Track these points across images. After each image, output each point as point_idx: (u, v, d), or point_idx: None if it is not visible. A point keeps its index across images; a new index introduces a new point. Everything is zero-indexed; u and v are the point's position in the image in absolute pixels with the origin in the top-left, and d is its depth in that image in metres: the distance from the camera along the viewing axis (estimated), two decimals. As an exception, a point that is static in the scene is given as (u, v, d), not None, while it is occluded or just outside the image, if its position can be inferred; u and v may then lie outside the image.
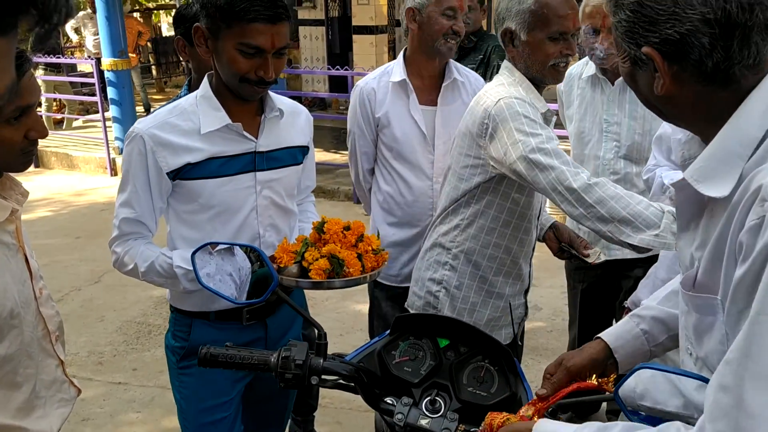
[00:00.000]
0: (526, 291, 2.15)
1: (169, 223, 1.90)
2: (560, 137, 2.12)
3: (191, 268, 1.72)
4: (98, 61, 8.59)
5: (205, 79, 1.84)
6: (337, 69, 7.18)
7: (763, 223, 0.86)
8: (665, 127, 2.24)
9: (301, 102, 11.04)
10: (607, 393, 1.27)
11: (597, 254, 2.00)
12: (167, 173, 1.77)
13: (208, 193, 1.80)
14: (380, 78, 2.52)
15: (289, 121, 1.94)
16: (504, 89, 1.91)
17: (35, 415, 1.53)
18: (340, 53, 10.43)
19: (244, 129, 1.81)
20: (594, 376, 1.32)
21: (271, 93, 1.87)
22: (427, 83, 2.49)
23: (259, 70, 1.70)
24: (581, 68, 2.71)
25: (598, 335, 1.38)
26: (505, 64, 1.98)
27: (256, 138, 1.85)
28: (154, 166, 1.76)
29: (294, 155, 1.96)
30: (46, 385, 1.57)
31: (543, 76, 1.92)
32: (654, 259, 2.48)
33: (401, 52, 2.51)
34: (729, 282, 0.93)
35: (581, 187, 1.70)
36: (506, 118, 1.82)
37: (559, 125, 2.92)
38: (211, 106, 1.80)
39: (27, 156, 1.45)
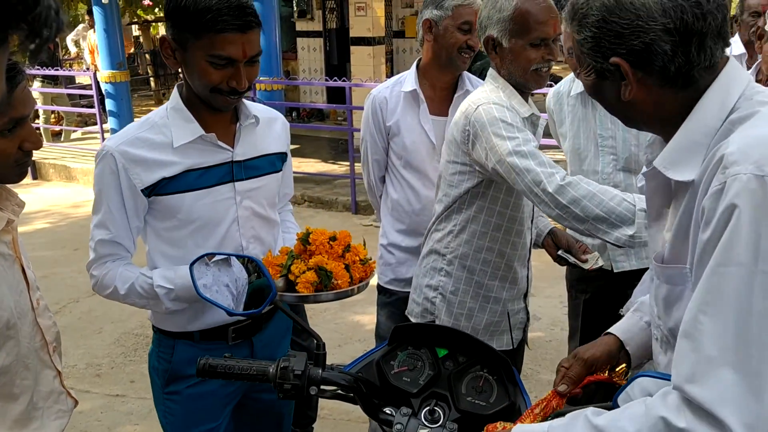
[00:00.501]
0: (526, 295, 2.14)
1: (147, 242, 1.83)
2: (550, 146, 2.12)
3: (172, 287, 1.71)
4: (95, 72, 8.62)
5: (175, 90, 1.78)
6: (335, 80, 7.20)
7: (724, 188, 0.94)
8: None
9: (299, 113, 11.06)
10: (612, 399, 1.26)
11: (595, 259, 2.00)
12: (142, 190, 1.70)
13: (187, 207, 1.74)
14: (393, 87, 2.54)
15: (265, 127, 1.88)
16: (485, 95, 1.96)
17: (32, 426, 1.52)
18: (337, 64, 10.48)
19: (219, 138, 1.75)
20: (606, 369, 1.32)
21: (244, 100, 1.81)
22: (439, 94, 2.51)
23: (231, 81, 1.64)
24: (569, 85, 2.70)
25: (608, 330, 1.40)
26: (490, 71, 2.03)
27: (232, 147, 1.79)
28: (128, 183, 1.69)
29: (272, 162, 1.90)
30: (43, 396, 1.56)
31: (526, 81, 1.95)
32: None
33: (415, 62, 2.53)
34: (695, 249, 1.01)
35: (555, 189, 1.74)
36: (484, 123, 1.87)
37: (549, 134, 2.93)
38: (183, 117, 1.74)
39: (22, 167, 1.45)
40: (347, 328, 4.29)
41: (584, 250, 2.06)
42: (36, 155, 8.89)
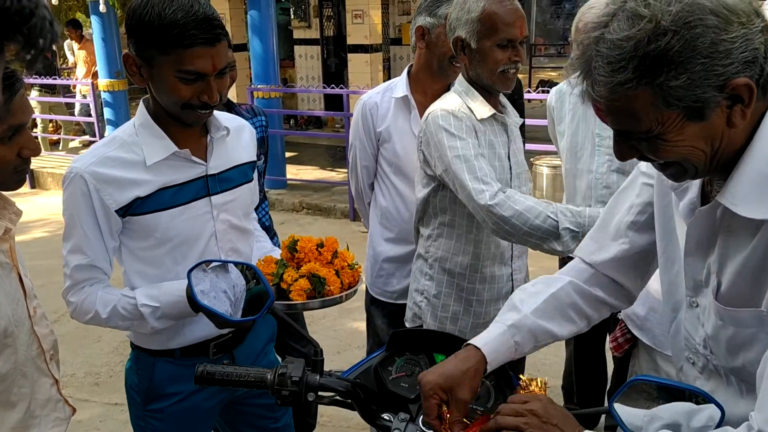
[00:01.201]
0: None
1: (122, 263, 1.77)
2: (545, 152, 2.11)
3: (158, 304, 1.67)
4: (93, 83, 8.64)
5: (141, 106, 1.72)
6: (332, 88, 7.22)
7: None
8: None
9: (296, 121, 11.08)
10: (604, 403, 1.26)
11: None
12: (116, 210, 1.65)
13: (164, 226, 1.69)
14: (384, 93, 2.53)
15: (235, 137, 1.84)
16: (440, 101, 2.03)
17: None
18: (335, 72, 10.51)
19: (192, 153, 1.71)
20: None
21: (214, 111, 1.74)
22: (431, 101, 2.49)
23: (202, 95, 1.59)
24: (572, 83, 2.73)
25: (476, 345, 1.32)
26: (459, 75, 2.08)
27: (205, 161, 1.74)
28: (101, 205, 1.64)
29: (245, 173, 1.87)
30: (40, 404, 1.56)
31: (492, 82, 1.98)
32: None
33: (406, 69, 2.53)
34: None
35: (483, 207, 1.83)
36: (432, 131, 1.96)
37: (542, 140, 2.93)
38: (153, 134, 1.68)
39: (20, 174, 1.45)
40: (346, 335, 4.29)
41: None
42: (34, 164, 8.86)
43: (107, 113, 8.33)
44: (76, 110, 9.45)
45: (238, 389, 1.88)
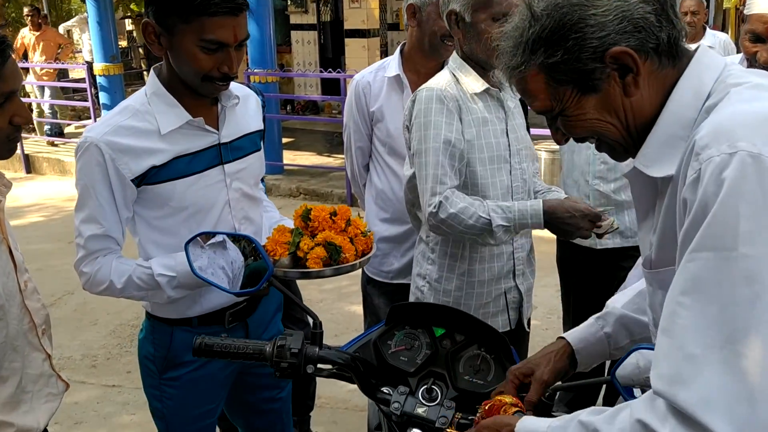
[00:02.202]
0: (515, 274, 2.10)
1: (137, 233, 1.77)
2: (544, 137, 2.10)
3: (174, 274, 1.69)
4: (90, 65, 8.58)
5: (152, 74, 1.72)
6: (330, 71, 7.18)
7: (699, 175, 0.87)
8: None
9: (293, 106, 11.02)
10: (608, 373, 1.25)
11: (609, 223, 1.92)
12: (132, 180, 1.65)
13: (179, 194, 1.69)
14: (376, 72, 2.51)
15: (243, 106, 1.85)
16: (431, 81, 2.01)
17: (22, 409, 1.51)
18: (332, 57, 10.45)
19: (204, 122, 1.72)
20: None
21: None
22: (424, 79, 2.46)
23: (222, 66, 1.60)
24: None
25: (563, 336, 1.36)
26: (454, 52, 2.05)
27: (218, 129, 1.76)
28: (116, 175, 1.63)
29: (254, 141, 1.88)
30: (32, 379, 1.54)
31: (487, 57, 1.94)
32: None
33: (399, 47, 2.51)
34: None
35: (428, 212, 1.90)
36: (414, 112, 1.96)
37: (540, 125, 2.91)
38: (166, 103, 1.68)
39: (12, 143, 1.42)
40: (344, 319, 4.28)
41: None
42: (30, 149, 8.86)
43: (103, 98, 8.28)
44: (47, 94, 9.24)
45: None
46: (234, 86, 1.81)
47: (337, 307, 4.46)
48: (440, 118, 1.91)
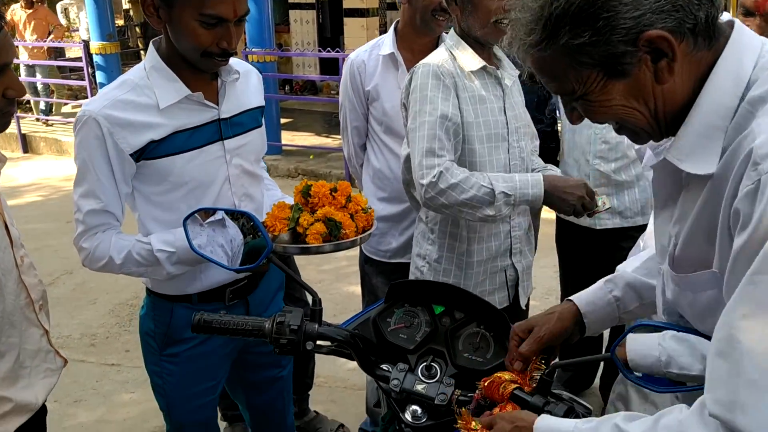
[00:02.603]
0: (512, 252, 2.10)
1: (136, 209, 1.77)
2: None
3: (173, 249, 1.68)
4: (87, 44, 8.50)
5: (151, 48, 1.70)
6: (328, 51, 7.12)
7: (758, 187, 0.81)
8: None
9: (292, 86, 10.93)
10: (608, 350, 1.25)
11: (600, 201, 1.93)
12: (131, 155, 1.64)
13: (178, 170, 1.69)
14: (371, 51, 2.50)
15: (244, 81, 1.84)
16: (428, 57, 1.99)
17: (20, 384, 1.51)
18: (331, 37, 10.37)
19: (204, 97, 1.71)
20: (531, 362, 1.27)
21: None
22: (418, 57, 2.44)
23: (221, 42, 1.60)
24: None
25: (570, 298, 1.34)
26: (452, 28, 2.03)
27: (217, 105, 1.75)
28: (115, 149, 1.62)
29: (255, 117, 1.87)
30: (30, 354, 1.54)
31: (484, 34, 1.93)
32: (643, 228, 2.48)
33: (393, 25, 2.49)
34: (725, 254, 0.89)
35: (425, 184, 1.84)
36: (410, 88, 1.93)
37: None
38: (165, 77, 1.67)
39: (6, 117, 1.41)
40: (342, 299, 4.29)
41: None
42: (26, 129, 8.80)
43: (99, 76, 8.21)
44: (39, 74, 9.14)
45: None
46: (234, 61, 1.80)
47: (336, 288, 4.47)
48: (436, 93, 1.89)
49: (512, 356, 1.28)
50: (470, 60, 1.95)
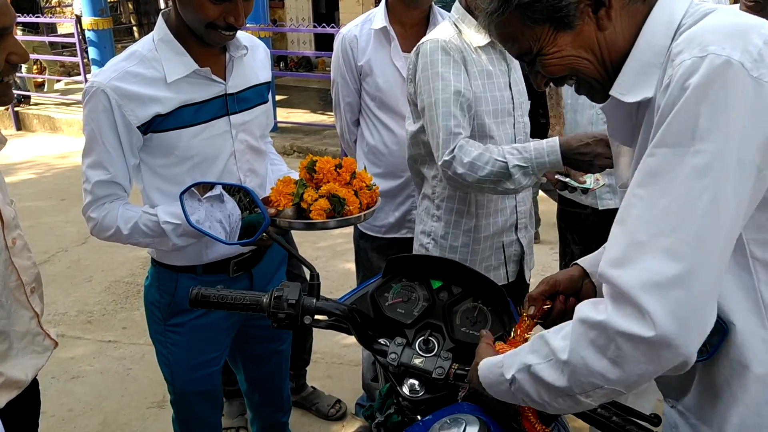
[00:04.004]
0: (517, 227, 2.11)
1: (142, 180, 1.78)
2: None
3: (179, 222, 1.69)
4: (79, 20, 8.40)
5: (160, 20, 1.71)
6: (323, 27, 7.05)
7: (671, 81, 0.91)
8: None
9: (287, 63, 10.84)
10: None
11: (593, 179, 1.93)
12: (138, 127, 1.65)
13: (184, 143, 1.70)
14: (362, 25, 2.46)
15: (251, 57, 1.84)
16: (435, 32, 1.96)
17: (8, 364, 1.50)
18: (326, 12, 10.27)
19: (211, 72, 1.71)
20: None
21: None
22: (410, 31, 2.42)
23: (228, 16, 1.59)
24: None
25: (577, 262, 1.39)
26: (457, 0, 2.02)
27: (224, 80, 1.75)
28: (122, 121, 1.63)
29: (261, 93, 1.87)
30: (19, 336, 1.53)
31: None
32: None
33: None
34: None
35: (443, 164, 1.83)
36: (420, 66, 1.90)
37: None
38: (174, 50, 1.67)
39: (7, 87, 1.38)
40: (339, 276, 4.30)
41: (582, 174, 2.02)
42: (19, 106, 8.73)
43: (92, 53, 8.11)
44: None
45: None
46: (242, 36, 1.80)
47: (332, 265, 4.47)
48: (447, 69, 1.87)
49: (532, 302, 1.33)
50: (476, 35, 1.93)
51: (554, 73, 1.09)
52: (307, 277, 1.39)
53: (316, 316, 1.34)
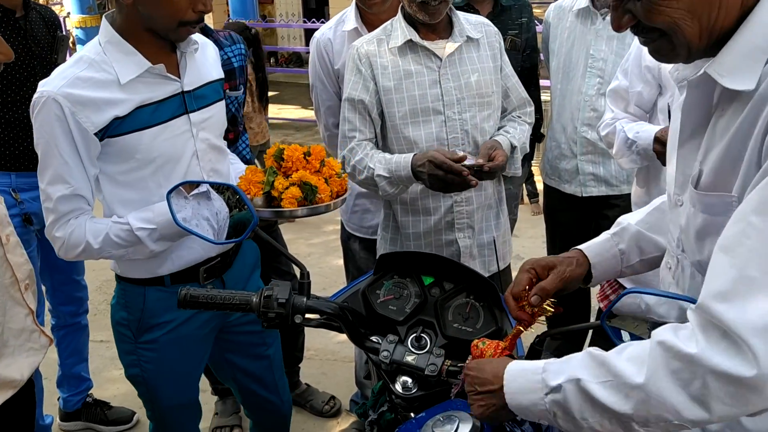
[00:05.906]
0: (453, 227, 2.05)
1: (101, 191, 1.69)
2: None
3: (153, 226, 1.63)
4: (66, 17, 8.34)
5: (104, 22, 1.64)
6: (313, 22, 7.02)
7: None
8: (620, 80, 2.21)
9: (277, 58, 10.80)
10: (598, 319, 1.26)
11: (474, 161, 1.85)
12: (95, 134, 1.57)
13: (145, 146, 1.62)
14: (336, 27, 2.41)
15: (201, 54, 1.78)
16: (363, 36, 2.07)
17: (3, 362, 1.49)
18: (315, 8, 10.23)
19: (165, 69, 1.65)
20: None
21: None
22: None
23: (197, 4, 1.55)
24: (572, 1, 2.64)
25: (580, 247, 1.33)
26: None
27: (179, 77, 1.69)
28: (78, 128, 1.55)
29: (217, 90, 1.82)
30: (14, 333, 1.52)
31: (413, 11, 1.90)
32: (628, 197, 2.48)
33: None
34: (748, 180, 0.90)
35: (342, 162, 1.96)
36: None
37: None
38: (123, 51, 1.60)
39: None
40: (331, 272, 4.29)
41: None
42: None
43: (80, 50, 8.07)
44: None
45: (229, 315, 1.87)
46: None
47: (325, 261, 4.46)
48: (350, 76, 1.98)
49: (522, 288, 1.23)
50: (398, 37, 1.95)
51: (653, 22, 0.96)
52: (297, 273, 1.38)
53: (307, 315, 1.32)
